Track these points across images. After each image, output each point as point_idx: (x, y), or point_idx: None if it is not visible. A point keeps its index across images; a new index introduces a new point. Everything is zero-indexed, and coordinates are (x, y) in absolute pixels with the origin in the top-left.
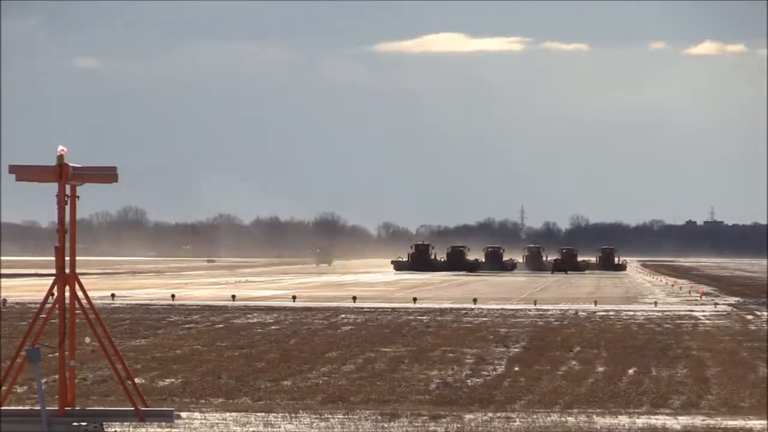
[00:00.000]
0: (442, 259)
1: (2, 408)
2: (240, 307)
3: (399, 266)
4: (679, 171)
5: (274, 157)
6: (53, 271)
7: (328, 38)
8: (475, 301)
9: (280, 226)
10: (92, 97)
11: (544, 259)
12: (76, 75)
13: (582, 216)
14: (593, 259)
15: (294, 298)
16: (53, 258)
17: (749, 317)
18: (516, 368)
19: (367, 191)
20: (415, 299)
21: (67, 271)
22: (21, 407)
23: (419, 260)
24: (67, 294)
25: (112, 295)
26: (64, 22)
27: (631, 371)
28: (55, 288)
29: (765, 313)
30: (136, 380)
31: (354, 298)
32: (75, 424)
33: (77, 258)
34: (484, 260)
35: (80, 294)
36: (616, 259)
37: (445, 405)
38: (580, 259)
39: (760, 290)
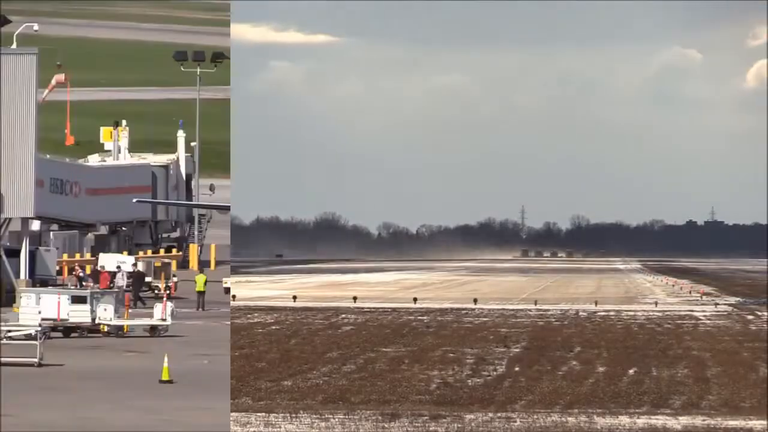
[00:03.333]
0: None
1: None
2: (240, 307)
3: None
4: (679, 171)
5: (273, 157)
6: None
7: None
8: (475, 301)
9: (280, 226)
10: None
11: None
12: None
13: (582, 216)
14: None
15: (294, 298)
16: None
17: (750, 317)
18: (516, 368)
19: (367, 191)
20: (415, 299)
21: None
22: None
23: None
24: None
25: None
26: None
27: (631, 371)
28: None
29: (765, 313)
30: None
31: (354, 298)
32: None
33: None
34: None
35: None
36: None
37: (446, 405)
38: None
39: (761, 290)
